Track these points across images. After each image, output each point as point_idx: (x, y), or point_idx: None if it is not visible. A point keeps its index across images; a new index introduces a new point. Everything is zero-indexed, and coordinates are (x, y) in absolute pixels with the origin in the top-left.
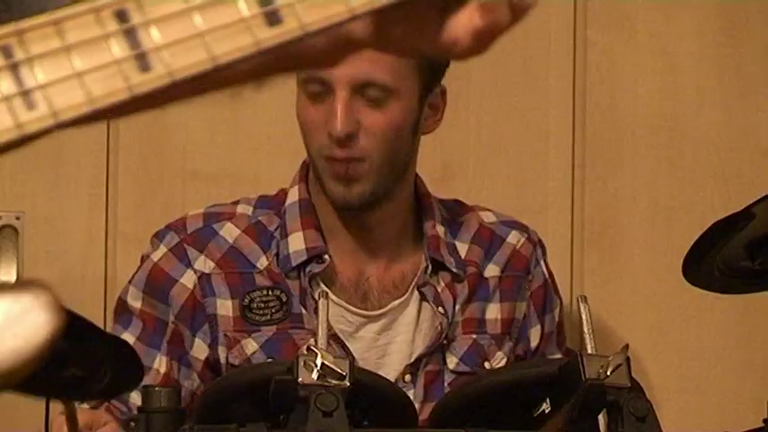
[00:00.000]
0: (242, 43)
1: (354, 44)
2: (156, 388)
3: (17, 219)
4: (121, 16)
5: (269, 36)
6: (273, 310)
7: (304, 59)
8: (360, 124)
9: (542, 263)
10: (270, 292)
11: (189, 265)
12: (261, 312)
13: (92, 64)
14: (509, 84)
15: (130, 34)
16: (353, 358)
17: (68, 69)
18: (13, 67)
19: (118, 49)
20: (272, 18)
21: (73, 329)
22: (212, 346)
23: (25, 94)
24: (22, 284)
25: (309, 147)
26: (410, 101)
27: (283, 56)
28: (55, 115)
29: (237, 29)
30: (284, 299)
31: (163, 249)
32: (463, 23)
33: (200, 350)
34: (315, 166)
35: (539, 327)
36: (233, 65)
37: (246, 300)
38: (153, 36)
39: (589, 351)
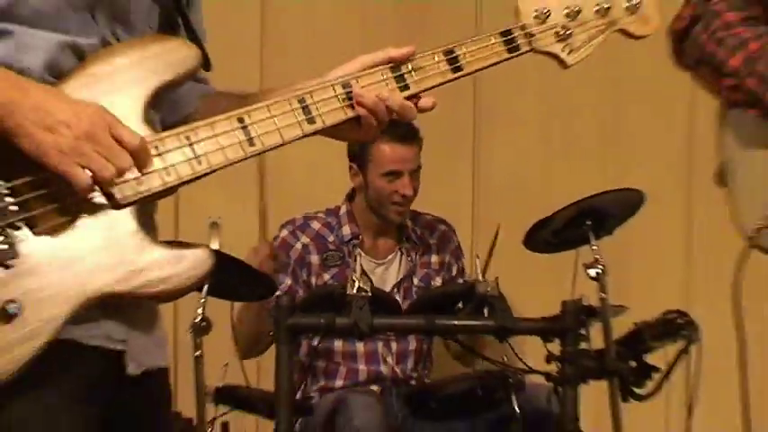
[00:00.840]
0: (295, 132)
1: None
2: (284, 295)
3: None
4: (241, 121)
5: (310, 129)
6: (337, 261)
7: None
8: None
9: (455, 238)
10: (335, 253)
11: (298, 239)
12: (331, 262)
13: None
14: None
15: (245, 128)
16: (372, 282)
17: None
18: (244, 128)
19: (241, 134)
20: (310, 120)
21: (223, 263)
22: (309, 276)
23: (250, 140)
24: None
25: (381, 196)
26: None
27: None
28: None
29: (293, 125)
30: (341, 255)
31: (285, 232)
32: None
33: (303, 278)
34: (381, 203)
35: (455, 267)
36: (293, 141)
37: (324, 256)
38: (254, 130)
39: (480, 279)
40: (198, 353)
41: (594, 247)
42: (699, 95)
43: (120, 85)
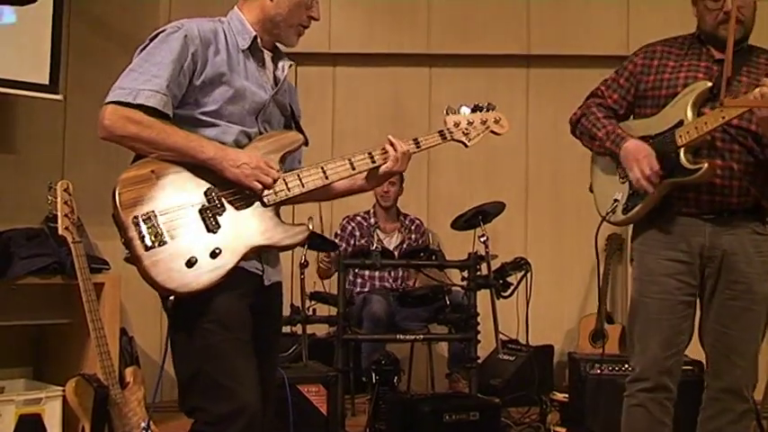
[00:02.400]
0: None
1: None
2: (341, 250)
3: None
4: (323, 169)
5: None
6: (367, 235)
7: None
8: None
9: (423, 226)
10: (367, 230)
11: (350, 224)
12: (365, 234)
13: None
14: None
15: (324, 171)
16: (383, 244)
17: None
18: (324, 171)
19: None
20: (353, 167)
21: (312, 236)
22: (354, 241)
23: (326, 176)
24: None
25: (378, 195)
26: None
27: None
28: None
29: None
30: (370, 232)
31: (344, 221)
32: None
33: (351, 243)
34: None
35: (421, 239)
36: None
37: (361, 232)
38: (329, 171)
39: (432, 244)
40: (302, 276)
41: (483, 228)
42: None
43: (269, 151)
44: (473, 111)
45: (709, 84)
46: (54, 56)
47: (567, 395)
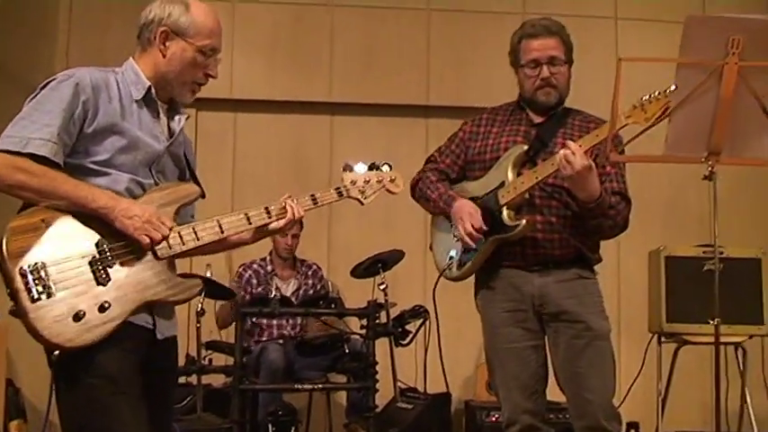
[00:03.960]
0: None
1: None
2: (240, 298)
3: None
4: (219, 222)
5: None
6: (264, 282)
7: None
8: None
9: (320, 271)
10: (264, 278)
11: (246, 272)
12: (262, 282)
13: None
14: None
15: (221, 225)
16: (281, 291)
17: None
18: (220, 225)
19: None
20: (250, 221)
21: (210, 284)
22: (251, 289)
23: (196, 234)
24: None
25: (278, 248)
26: None
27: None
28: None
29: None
30: (267, 279)
31: (241, 269)
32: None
33: (249, 290)
34: (277, 247)
35: (319, 285)
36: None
37: (259, 279)
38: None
39: (331, 291)
40: (198, 325)
41: (382, 276)
42: None
43: (164, 203)
44: (370, 168)
45: (526, 147)
46: None
47: None
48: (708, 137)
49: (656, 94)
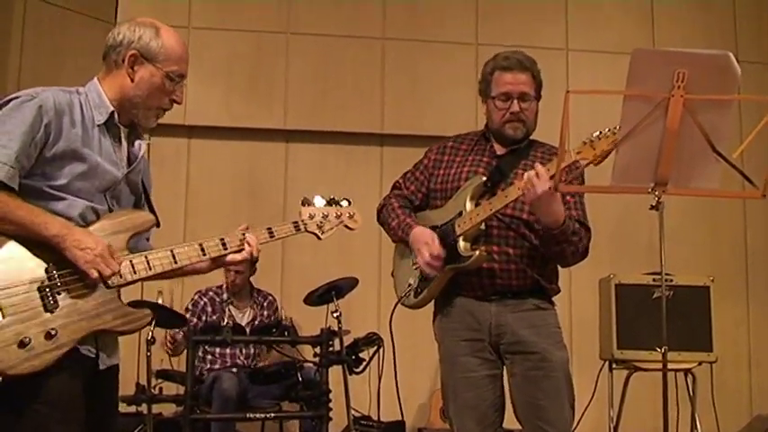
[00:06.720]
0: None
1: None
2: (192, 325)
3: None
4: (172, 252)
5: (205, 257)
6: (219, 310)
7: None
8: None
9: (275, 302)
10: (219, 306)
11: (202, 299)
12: (217, 310)
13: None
14: None
15: (173, 255)
16: (234, 319)
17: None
18: (173, 255)
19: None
20: (204, 252)
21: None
22: (205, 317)
23: (149, 263)
24: (145, 303)
25: (228, 281)
26: None
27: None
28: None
29: (169, 263)
30: (222, 307)
31: (197, 296)
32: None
33: (203, 318)
34: (228, 280)
35: (273, 315)
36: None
37: (213, 308)
38: (179, 256)
39: (284, 319)
40: (148, 354)
41: (336, 303)
42: None
43: (118, 231)
44: (328, 203)
45: (484, 178)
46: None
47: None
48: (654, 167)
49: (606, 131)
